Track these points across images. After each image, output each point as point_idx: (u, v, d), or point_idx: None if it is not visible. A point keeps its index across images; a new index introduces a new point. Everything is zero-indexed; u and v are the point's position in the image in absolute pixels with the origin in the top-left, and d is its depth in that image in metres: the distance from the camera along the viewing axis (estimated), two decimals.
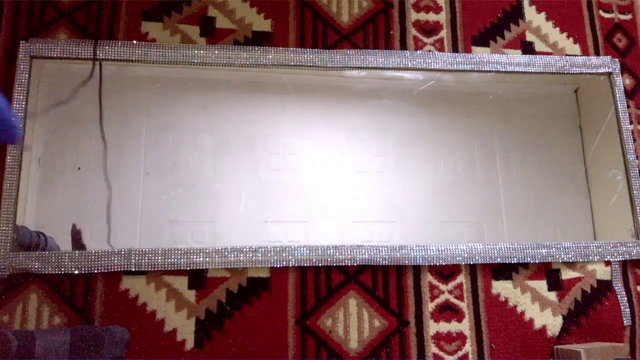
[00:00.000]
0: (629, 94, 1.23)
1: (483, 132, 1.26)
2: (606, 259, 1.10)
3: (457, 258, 1.05)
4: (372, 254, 1.02)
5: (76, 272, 0.93)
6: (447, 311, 1.04)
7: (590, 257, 1.09)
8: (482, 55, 1.18)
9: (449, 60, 1.17)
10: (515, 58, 1.19)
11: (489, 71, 1.18)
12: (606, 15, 1.30)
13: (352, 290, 1.02)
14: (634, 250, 1.11)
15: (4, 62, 1.03)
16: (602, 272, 1.10)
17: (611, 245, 1.11)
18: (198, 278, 0.98)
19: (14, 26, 1.05)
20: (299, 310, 0.99)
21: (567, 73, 1.21)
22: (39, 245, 0.97)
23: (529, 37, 1.24)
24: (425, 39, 1.19)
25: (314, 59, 1.11)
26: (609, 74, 1.22)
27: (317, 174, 1.17)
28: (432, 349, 1.01)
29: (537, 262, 1.08)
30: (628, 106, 1.21)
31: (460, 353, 1.02)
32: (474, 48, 1.21)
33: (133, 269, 0.95)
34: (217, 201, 1.11)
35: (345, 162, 1.19)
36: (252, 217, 1.11)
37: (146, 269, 0.95)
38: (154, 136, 1.11)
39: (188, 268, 0.97)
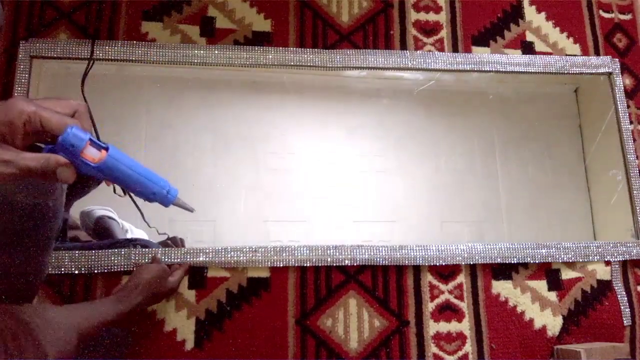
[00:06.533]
0: (629, 94, 1.23)
1: (483, 132, 1.27)
2: (606, 259, 1.10)
3: (457, 258, 1.05)
4: (372, 254, 1.02)
5: (76, 272, 0.93)
6: (447, 311, 1.04)
7: (590, 257, 1.09)
8: (482, 55, 1.18)
9: (449, 60, 1.17)
10: (515, 58, 1.19)
11: (489, 71, 1.18)
12: (606, 15, 1.29)
13: (352, 290, 1.02)
14: (634, 250, 1.11)
15: (4, 62, 1.03)
16: (602, 272, 1.10)
17: (611, 245, 1.11)
18: (198, 278, 0.98)
19: (14, 26, 1.05)
20: (299, 310, 0.99)
21: (567, 73, 1.20)
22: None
23: (529, 37, 1.24)
24: (425, 39, 1.19)
25: (314, 59, 1.11)
26: (609, 74, 1.22)
27: (317, 174, 1.17)
28: (432, 349, 1.01)
29: (537, 262, 1.08)
30: (628, 106, 1.21)
31: (460, 353, 1.02)
32: (474, 48, 1.21)
33: (133, 269, 0.95)
34: (217, 201, 1.11)
35: (345, 161, 1.19)
36: (252, 217, 1.11)
37: None
38: (153, 136, 1.12)
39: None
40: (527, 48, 1.23)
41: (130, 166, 0.47)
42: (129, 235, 1.01)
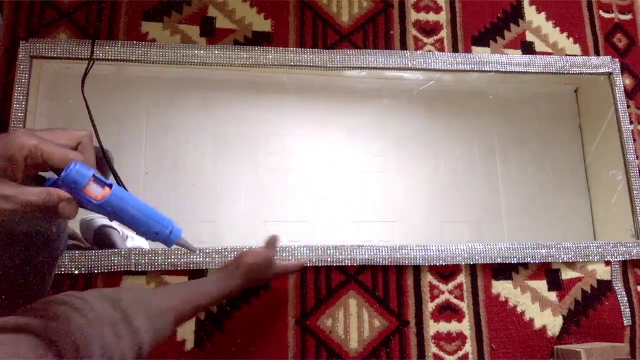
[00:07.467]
0: (629, 94, 1.23)
1: (483, 132, 1.26)
2: (606, 259, 1.10)
3: (457, 258, 1.05)
4: (372, 254, 1.02)
5: (76, 272, 0.93)
6: (447, 311, 1.04)
7: (590, 257, 1.09)
8: (482, 55, 1.18)
9: (449, 60, 1.17)
10: (515, 58, 1.19)
11: (489, 71, 1.18)
12: (606, 15, 1.30)
13: (352, 290, 1.02)
14: (634, 250, 1.11)
15: (4, 62, 1.03)
16: (602, 272, 1.10)
17: (611, 245, 1.11)
18: (198, 278, 0.98)
19: (14, 26, 1.05)
20: (299, 310, 0.99)
21: (567, 73, 1.21)
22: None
23: (529, 37, 1.24)
24: (425, 39, 1.19)
25: (314, 59, 1.11)
26: (609, 74, 1.22)
27: (317, 174, 1.17)
28: (432, 349, 1.01)
29: (537, 262, 1.08)
30: (628, 106, 1.21)
31: (460, 353, 1.02)
32: (474, 48, 1.21)
33: (133, 269, 0.95)
34: (217, 201, 1.11)
35: (345, 162, 1.19)
36: (252, 217, 1.11)
37: (146, 269, 0.95)
38: (154, 136, 1.11)
39: (188, 268, 0.97)
40: (527, 48, 1.23)
41: (133, 205, 0.45)
42: (129, 243, 1.01)
